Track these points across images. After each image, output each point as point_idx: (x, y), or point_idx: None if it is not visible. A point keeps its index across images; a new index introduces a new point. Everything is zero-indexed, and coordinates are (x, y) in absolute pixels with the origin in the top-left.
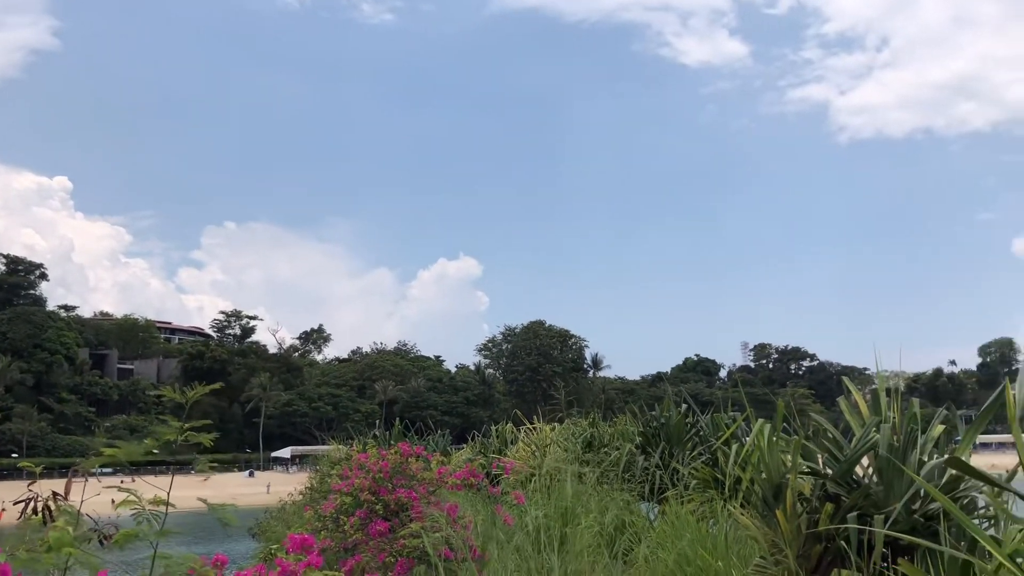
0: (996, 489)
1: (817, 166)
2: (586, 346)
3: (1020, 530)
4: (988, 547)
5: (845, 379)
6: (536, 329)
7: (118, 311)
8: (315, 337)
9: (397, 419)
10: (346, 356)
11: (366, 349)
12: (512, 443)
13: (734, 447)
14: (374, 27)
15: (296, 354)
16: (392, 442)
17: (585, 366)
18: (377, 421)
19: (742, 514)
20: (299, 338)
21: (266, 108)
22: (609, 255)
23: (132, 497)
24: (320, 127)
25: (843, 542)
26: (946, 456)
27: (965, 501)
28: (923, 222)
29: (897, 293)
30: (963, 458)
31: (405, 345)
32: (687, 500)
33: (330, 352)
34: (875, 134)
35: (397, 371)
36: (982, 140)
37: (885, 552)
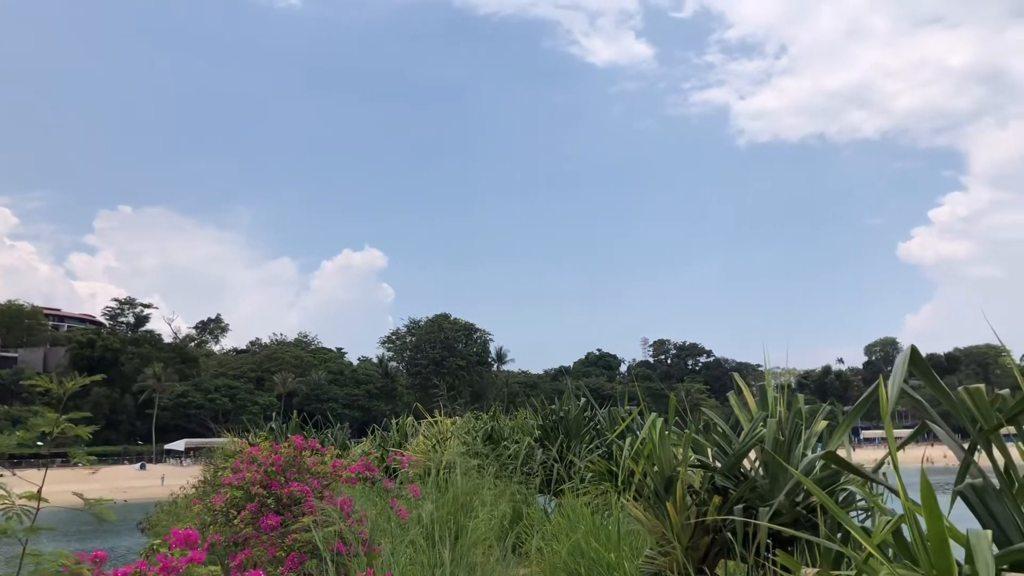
0: (870, 481)
1: (718, 168)
2: (491, 340)
3: (888, 521)
4: (858, 537)
5: (735, 375)
6: (441, 322)
7: (1, 296)
8: (212, 327)
9: (295, 412)
10: (244, 347)
11: (265, 340)
12: (413, 436)
13: (627, 440)
14: (280, 11)
15: (192, 344)
16: (289, 435)
17: (489, 360)
18: (274, 414)
19: (634, 506)
20: (196, 328)
21: (166, 91)
22: (516, 250)
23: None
24: (223, 112)
25: (729, 534)
26: (823, 450)
27: (845, 494)
28: (816, 225)
29: (791, 293)
30: (838, 452)
31: (306, 337)
32: (583, 493)
33: (228, 342)
34: (772, 138)
35: (297, 363)
36: (872, 147)
37: (770, 543)
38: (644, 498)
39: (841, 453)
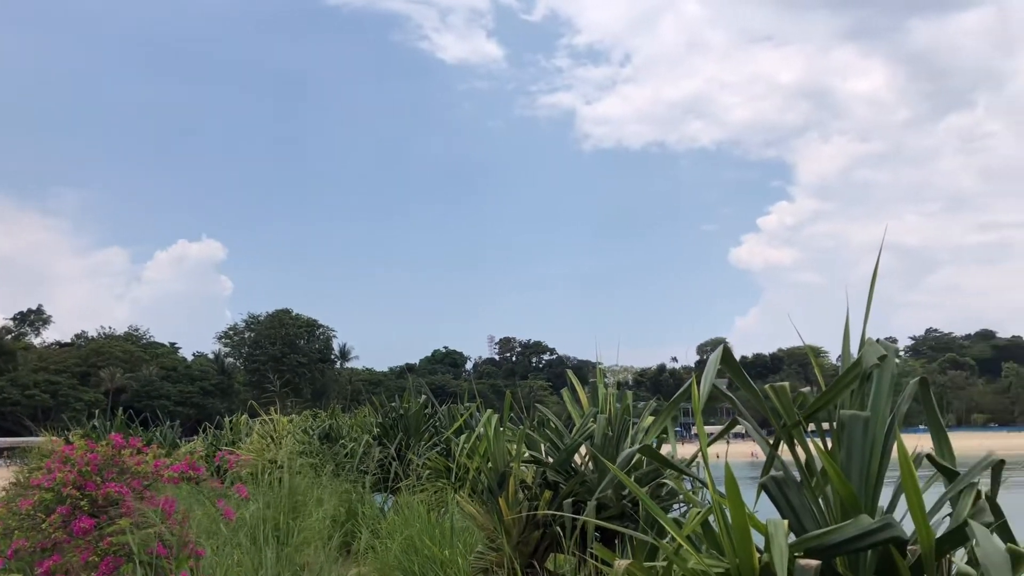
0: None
1: (563, 170)
2: (334, 336)
3: (699, 512)
4: (669, 528)
5: (569, 372)
6: (282, 318)
7: None
8: (32, 319)
9: (121, 409)
10: (69, 340)
11: (92, 333)
12: (248, 435)
13: (463, 437)
14: None
15: (9, 336)
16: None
17: (332, 357)
18: (99, 412)
19: (467, 502)
20: (13, 319)
21: None
22: (362, 245)
23: None
24: (49, 89)
25: (559, 528)
26: (640, 445)
27: (669, 487)
28: (655, 229)
29: (630, 293)
30: (664, 446)
31: (137, 330)
32: (420, 490)
33: (50, 335)
34: (616, 144)
35: (127, 358)
36: (707, 157)
37: (598, 536)
38: (478, 494)
39: (666, 448)
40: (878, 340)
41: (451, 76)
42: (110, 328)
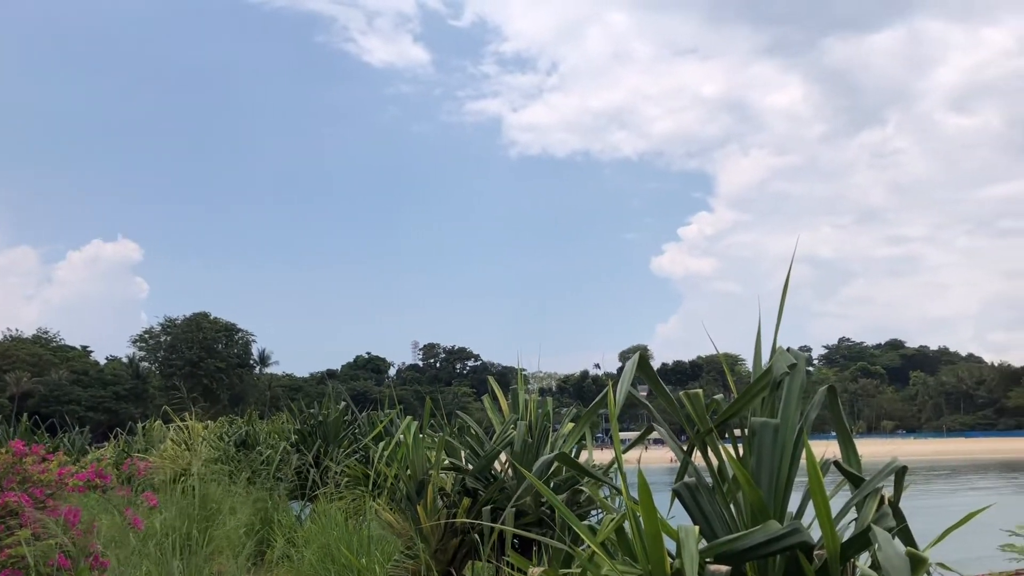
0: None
1: (489, 177)
2: (253, 341)
3: (613, 519)
4: (583, 535)
5: (490, 378)
6: (200, 321)
7: None
8: None
9: (26, 415)
10: None
11: None
12: (161, 441)
13: (381, 444)
14: None
15: None
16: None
17: (251, 362)
18: (0, 417)
19: (385, 510)
20: None
21: None
22: (283, 248)
23: None
24: None
25: (477, 535)
26: (556, 452)
27: (588, 494)
28: (579, 237)
29: (555, 300)
30: (585, 453)
31: (46, 333)
32: (338, 498)
33: None
34: (541, 152)
35: (35, 361)
36: (631, 167)
37: (516, 543)
38: (396, 501)
39: (586, 454)
40: (788, 349)
41: (377, 79)
42: (18, 330)
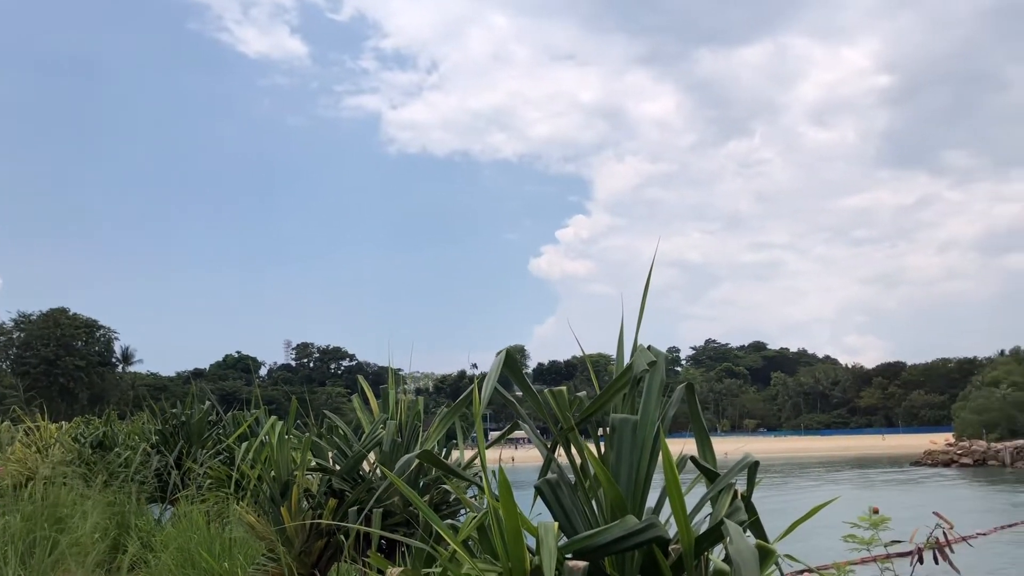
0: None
1: (367, 173)
2: (116, 339)
3: (474, 517)
4: (444, 534)
5: (360, 378)
6: (57, 317)
7: None
8: None
9: None
10: None
11: None
12: (10, 443)
13: (244, 445)
14: None
15: None
16: None
17: (113, 360)
18: None
19: (247, 512)
20: None
21: None
22: (148, 241)
23: None
24: None
25: (343, 536)
26: (418, 451)
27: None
28: (458, 237)
29: (433, 300)
30: (444, 451)
31: None
32: (201, 500)
33: None
34: (421, 151)
35: None
36: (510, 168)
37: (384, 543)
38: (259, 503)
39: (457, 453)
40: (649, 347)
41: (251, 70)
42: None
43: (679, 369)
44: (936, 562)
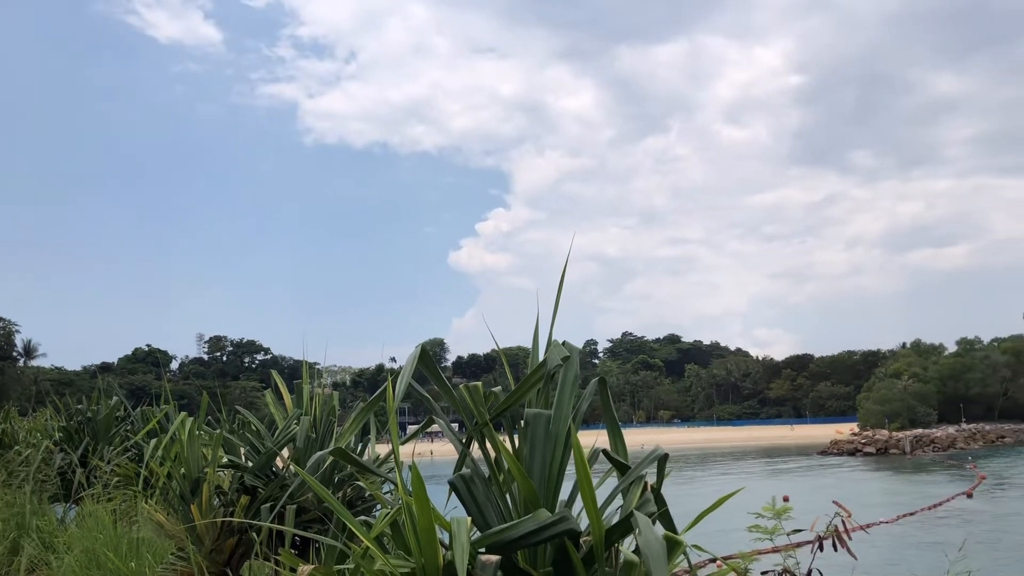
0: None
1: (283, 163)
2: (17, 331)
3: (387, 513)
4: (356, 531)
5: (273, 372)
6: None
7: None
8: None
9: None
10: None
11: None
12: None
13: (153, 442)
14: None
15: None
16: None
17: (15, 354)
18: None
19: (156, 510)
20: None
21: None
22: (53, 233)
23: None
24: None
25: (255, 534)
26: (332, 447)
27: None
28: (377, 229)
29: (351, 293)
30: (359, 446)
31: None
32: (107, 499)
33: None
34: (339, 141)
35: None
36: (430, 161)
37: (297, 540)
38: (168, 501)
39: (373, 449)
40: (564, 342)
41: (162, 56)
42: None
43: (596, 362)
44: (835, 549)
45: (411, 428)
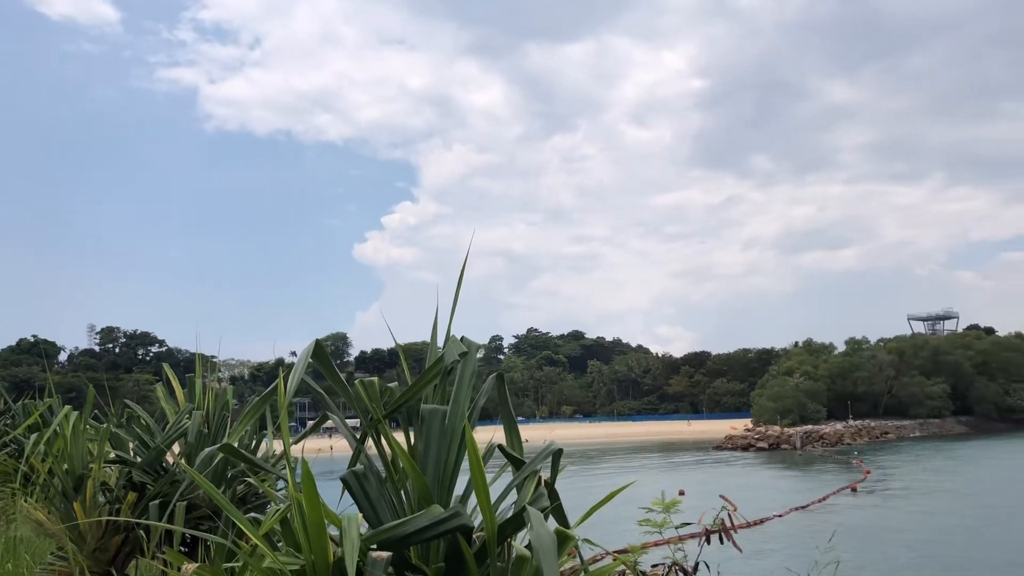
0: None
1: (182, 150)
2: None
3: (277, 510)
4: (244, 528)
5: (165, 366)
6: None
7: None
8: None
9: None
10: None
11: None
12: None
13: (33, 437)
14: None
15: None
16: None
17: None
18: None
19: (35, 508)
20: None
21: None
22: None
23: None
24: None
25: (143, 531)
26: (221, 443)
27: (267, 484)
28: (280, 220)
29: (252, 284)
30: (253, 442)
31: None
32: None
33: None
34: (240, 128)
35: None
36: (335, 152)
37: (188, 539)
38: (49, 499)
39: (267, 446)
40: (462, 338)
41: (54, 34)
42: None
43: (502, 357)
44: (721, 542)
45: (310, 424)
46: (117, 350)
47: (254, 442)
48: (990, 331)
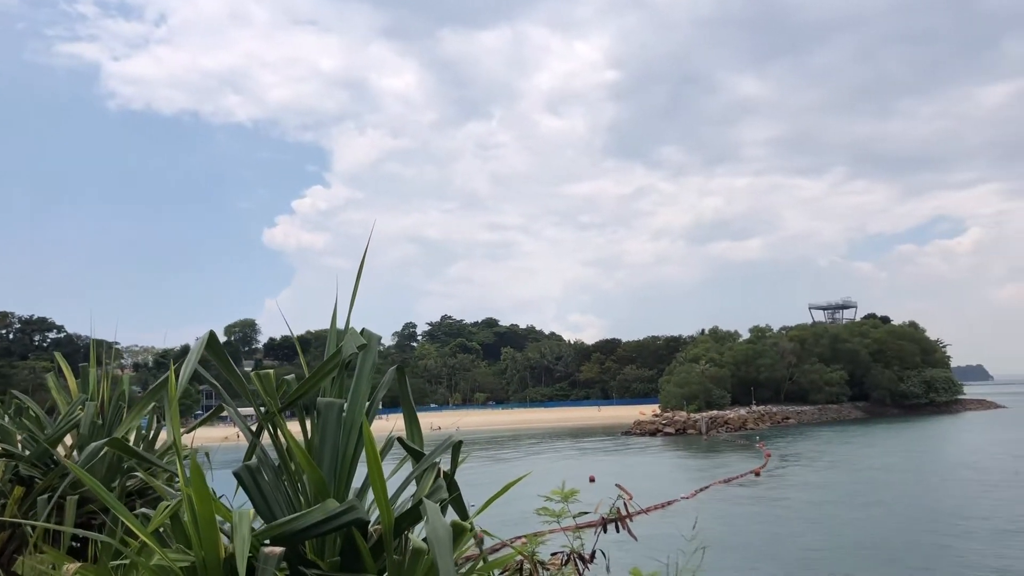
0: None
1: (82, 128)
2: None
3: (167, 506)
4: (131, 526)
5: (57, 354)
6: None
7: None
8: None
9: None
10: None
11: None
12: None
13: None
14: None
15: None
16: None
17: None
18: None
19: None
20: None
21: None
22: None
23: None
24: None
25: (30, 527)
26: (108, 437)
27: (164, 479)
28: (186, 202)
29: (158, 268)
30: (149, 434)
31: None
32: None
33: None
34: (145, 107)
35: None
36: (244, 134)
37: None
38: None
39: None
40: (362, 330)
41: None
42: None
43: (415, 344)
44: (617, 531)
45: (204, 415)
46: (11, 336)
47: (153, 433)
48: (886, 320)
